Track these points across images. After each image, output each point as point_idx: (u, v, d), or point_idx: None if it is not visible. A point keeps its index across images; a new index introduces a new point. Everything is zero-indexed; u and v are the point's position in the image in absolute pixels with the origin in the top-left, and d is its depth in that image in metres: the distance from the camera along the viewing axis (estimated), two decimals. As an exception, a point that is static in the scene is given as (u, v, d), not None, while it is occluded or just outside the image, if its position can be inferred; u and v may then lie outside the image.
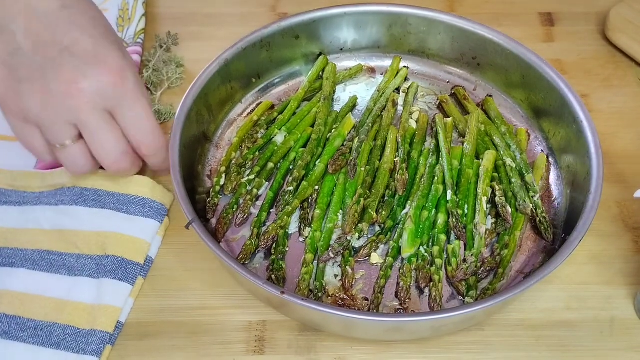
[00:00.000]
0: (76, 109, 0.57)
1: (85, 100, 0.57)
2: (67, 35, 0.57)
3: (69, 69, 0.57)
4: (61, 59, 0.57)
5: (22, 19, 0.57)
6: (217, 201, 0.70)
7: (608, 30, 0.86)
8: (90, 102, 0.57)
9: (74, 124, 0.58)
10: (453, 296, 0.64)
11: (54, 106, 0.57)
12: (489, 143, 0.73)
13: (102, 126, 0.59)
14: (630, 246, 0.69)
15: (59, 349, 0.61)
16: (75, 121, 0.58)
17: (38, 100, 0.57)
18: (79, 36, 0.57)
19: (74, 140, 0.59)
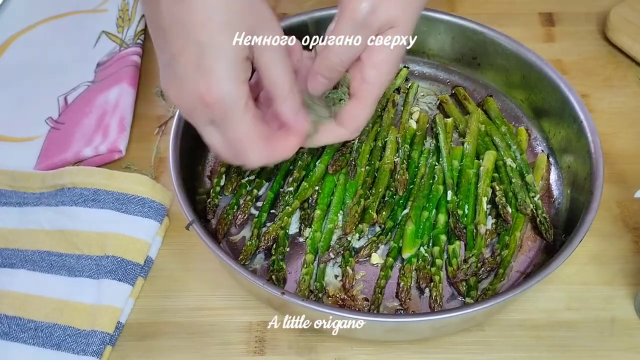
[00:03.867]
0: (186, 115, 0.55)
1: (185, 112, 0.54)
2: (176, 41, 0.51)
3: (175, 78, 0.52)
4: (172, 66, 0.52)
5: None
6: (218, 202, 0.70)
7: (608, 31, 0.86)
8: (191, 117, 0.54)
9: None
10: (453, 296, 0.64)
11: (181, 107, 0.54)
12: (489, 143, 0.73)
13: (211, 131, 0.55)
14: (631, 246, 0.69)
15: (59, 349, 0.61)
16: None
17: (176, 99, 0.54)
18: (185, 43, 0.50)
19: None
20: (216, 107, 0.51)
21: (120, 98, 0.78)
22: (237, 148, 0.54)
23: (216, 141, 0.55)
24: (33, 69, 0.84)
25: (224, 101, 0.50)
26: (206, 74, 0.50)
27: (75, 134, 0.75)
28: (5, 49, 0.86)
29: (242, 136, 0.53)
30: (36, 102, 0.80)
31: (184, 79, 0.51)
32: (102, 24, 0.88)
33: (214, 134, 0.54)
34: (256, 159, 0.55)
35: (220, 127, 0.53)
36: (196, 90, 0.50)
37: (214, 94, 0.50)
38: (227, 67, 0.50)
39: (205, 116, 0.53)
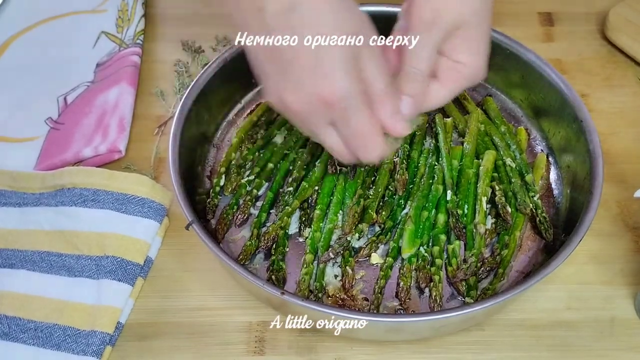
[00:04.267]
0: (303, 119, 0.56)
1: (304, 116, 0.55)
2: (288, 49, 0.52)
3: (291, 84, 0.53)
4: (285, 74, 0.53)
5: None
6: (217, 202, 0.70)
7: (608, 30, 0.86)
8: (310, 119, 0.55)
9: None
10: (453, 296, 0.64)
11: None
12: (488, 143, 0.73)
13: (329, 132, 0.56)
14: (631, 246, 0.69)
15: (59, 350, 0.61)
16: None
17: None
18: (300, 49, 0.51)
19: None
20: (337, 105, 0.52)
21: (120, 98, 0.78)
22: (357, 143, 0.56)
23: (335, 141, 0.56)
24: (32, 69, 0.84)
25: (345, 98, 0.52)
26: (325, 76, 0.51)
27: (75, 134, 0.75)
28: (4, 49, 0.86)
29: (363, 131, 0.54)
30: (36, 102, 0.80)
31: (301, 84, 0.52)
32: (101, 24, 0.88)
33: (333, 134, 0.56)
34: (376, 152, 0.56)
35: (341, 124, 0.55)
36: (316, 92, 0.52)
37: (335, 93, 0.52)
38: (343, 66, 0.51)
39: (326, 117, 0.54)
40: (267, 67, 0.54)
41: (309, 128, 0.56)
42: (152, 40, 0.88)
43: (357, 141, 0.55)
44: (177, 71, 0.84)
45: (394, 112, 0.56)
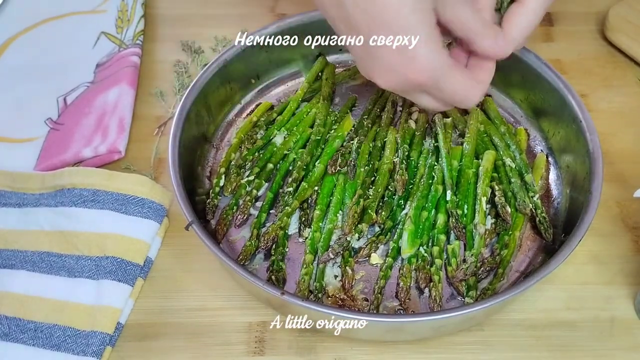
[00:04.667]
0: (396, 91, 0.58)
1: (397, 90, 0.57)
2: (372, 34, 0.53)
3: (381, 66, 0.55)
4: (373, 56, 0.55)
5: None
6: (217, 202, 0.70)
7: (607, 30, 0.86)
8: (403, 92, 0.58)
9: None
10: (453, 296, 0.64)
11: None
12: (488, 143, 0.73)
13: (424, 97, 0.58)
14: (630, 246, 0.69)
15: (59, 350, 0.61)
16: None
17: None
18: (383, 32, 0.53)
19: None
20: (428, 82, 0.54)
21: (120, 99, 0.78)
22: (455, 100, 0.57)
23: (431, 103, 0.58)
24: (32, 69, 0.84)
25: (434, 75, 0.54)
26: (412, 58, 0.52)
27: (75, 135, 0.75)
28: (4, 49, 0.86)
29: (458, 91, 0.56)
30: (35, 102, 0.80)
31: (390, 66, 0.54)
32: (101, 25, 0.88)
33: (428, 98, 0.58)
34: (476, 99, 0.58)
35: (434, 92, 0.56)
36: (405, 73, 0.53)
37: (424, 73, 0.53)
38: (430, 45, 0.52)
39: (418, 89, 0.56)
40: (353, 50, 0.56)
41: (403, 96, 0.59)
42: (152, 40, 0.88)
43: (454, 98, 0.57)
44: (176, 71, 0.84)
45: (495, 39, 0.56)
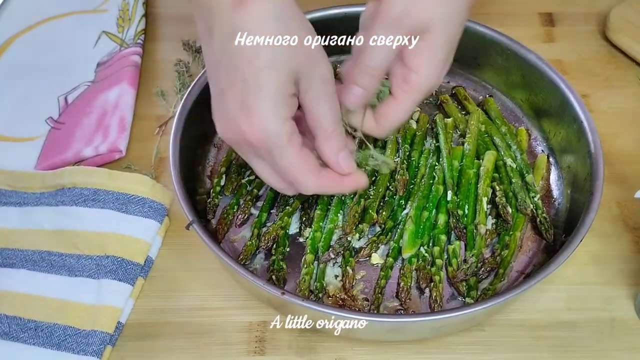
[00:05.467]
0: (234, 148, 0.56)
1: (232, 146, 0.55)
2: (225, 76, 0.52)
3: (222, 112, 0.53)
4: (220, 101, 0.53)
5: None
6: (218, 202, 0.70)
7: (608, 31, 0.86)
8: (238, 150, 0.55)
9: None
10: (453, 296, 0.64)
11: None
12: (489, 143, 0.73)
13: (259, 163, 0.56)
14: (631, 246, 0.69)
15: (59, 349, 0.61)
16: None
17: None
18: (232, 79, 0.51)
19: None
20: (259, 144, 0.51)
21: (121, 98, 0.78)
22: (288, 179, 0.55)
23: (266, 173, 0.56)
24: (33, 69, 0.84)
25: (267, 139, 0.51)
26: (249, 112, 0.50)
27: (76, 134, 0.75)
28: (5, 48, 0.86)
29: (290, 169, 0.53)
30: (36, 102, 0.80)
31: (229, 115, 0.52)
32: (102, 24, 0.88)
33: (262, 165, 0.55)
34: (310, 188, 0.55)
35: (267, 161, 0.54)
36: (239, 127, 0.51)
37: (255, 132, 0.51)
38: (270, 105, 0.50)
39: (251, 151, 0.54)
40: (211, 88, 0.54)
41: (240, 154, 0.56)
42: (153, 40, 0.88)
43: (289, 177, 0.54)
44: (177, 71, 0.84)
45: (339, 149, 0.55)
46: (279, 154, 0.52)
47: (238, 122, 0.51)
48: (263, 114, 0.50)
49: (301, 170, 0.54)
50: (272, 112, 0.50)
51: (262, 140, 0.51)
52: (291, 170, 0.53)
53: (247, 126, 0.51)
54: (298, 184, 0.55)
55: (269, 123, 0.50)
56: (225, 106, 0.52)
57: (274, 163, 0.53)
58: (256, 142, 0.51)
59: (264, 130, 0.51)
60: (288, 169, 0.53)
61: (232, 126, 0.52)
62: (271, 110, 0.50)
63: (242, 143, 0.53)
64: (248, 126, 0.51)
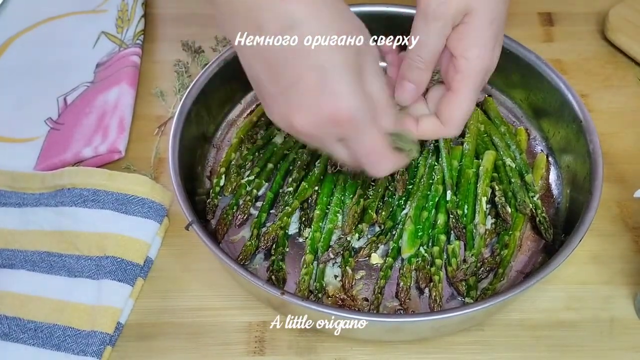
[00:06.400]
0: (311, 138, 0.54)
1: (312, 135, 0.53)
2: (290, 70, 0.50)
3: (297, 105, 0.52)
4: (289, 95, 0.51)
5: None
6: (217, 202, 0.70)
7: (608, 30, 0.86)
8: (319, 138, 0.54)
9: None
10: (453, 296, 0.64)
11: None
12: (488, 143, 0.73)
13: (339, 148, 0.55)
14: (631, 246, 0.69)
15: (59, 350, 0.61)
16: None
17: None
18: (304, 69, 0.50)
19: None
20: (347, 124, 0.51)
21: (120, 98, 0.78)
22: (368, 159, 0.54)
23: (346, 156, 0.55)
24: (32, 69, 0.84)
25: (356, 115, 0.50)
26: (333, 95, 0.49)
27: (75, 135, 0.75)
28: (4, 49, 0.86)
29: (373, 149, 0.53)
30: (36, 102, 0.80)
31: (307, 105, 0.50)
32: (101, 25, 0.88)
33: (343, 149, 0.55)
34: (387, 169, 0.56)
35: (351, 142, 0.53)
36: (325, 112, 0.50)
37: (345, 110, 0.50)
38: (351, 82, 0.50)
39: (335, 135, 0.53)
40: (271, 89, 0.52)
41: (318, 145, 0.55)
42: (152, 40, 0.88)
43: (367, 158, 0.54)
44: (177, 71, 0.84)
45: (395, 122, 0.55)
46: (364, 131, 0.52)
47: (323, 108, 0.50)
48: (348, 91, 0.50)
49: (382, 150, 0.54)
50: (354, 89, 0.50)
51: (352, 117, 0.50)
52: (373, 150, 0.53)
53: (334, 109, 0.50)
54: (376, 164, 0.55)
55: (355, 99, 0.50)
56: (301, 98, 0.50)
57: (357, 143, 0.53)
58: (346, 120, 0.50)
59: (353, 107, 0.50)
60: (370, 149, 0.53)
61: (315, 113, 0.51)
62: (354, 87, 0.50)
63: (328, 128, 0.52)
64: (334, 108, 0.50)
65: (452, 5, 0.54)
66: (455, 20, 0.54)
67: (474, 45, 0.55)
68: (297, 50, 0.49)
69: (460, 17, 0.54)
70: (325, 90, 0.49)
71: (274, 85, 0.52)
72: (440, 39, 0.55)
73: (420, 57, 0.55)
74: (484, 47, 0.56)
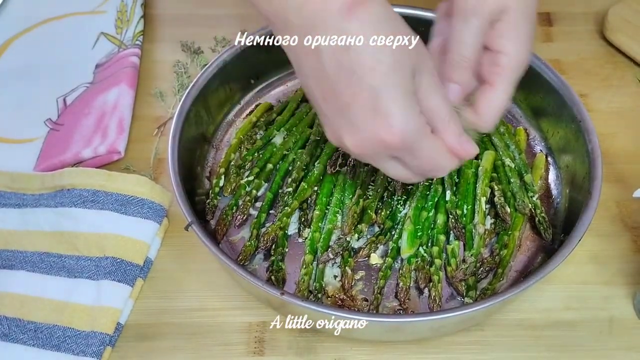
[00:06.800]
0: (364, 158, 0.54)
1: (366, 155, 0.54)
2: (346, 89, 0.50)
3: (351, 126, 0.51)
4: (344, 115, 0.51)
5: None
6: (217, 202, 0.70)
7: (607, 30, 0.86)
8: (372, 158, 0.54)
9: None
10: (452, 296, 0.64)
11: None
12: (487, 143, 0.73)
13: (393, 164, 0.55)
14: (630, 246, 0.69)
15: (59, 350, 0.61)
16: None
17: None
18: (357, 90, 0.49)
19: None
20: (400, 146, 0.51)
21: (119, 99, 0.78)
22: (428, 169, 0.55)
23: (399, 171, 0.55)
24: (32, 70, 0.84)
25: (408, 138, 0.50)
26: (386, 117, 0.49)
27: (74, 135, 0.75)
28: (4, 50, 0.86)
29: (432, 158, 0.53)
30: (35, 103, 0.80)
31: (361, 125, 0.50)
32: (100, 26, 0.88)
33: (397, 166, 0.55)
34: (448, 168, 0.56)
35: (407, 158, 0.53)
36: (378, 135, 0.50)
37: (396, 135, 0.50)
38: (403, 105, 0.49)
39: (389, 154, 0.53)
40: (324, 106, 0.52)
41: (371, 163, 0.55)
42: (151, 41, 0.88)
43: (427, 167, 0.54)
44: (176, 72, 0.84)
45: (459, 134, 0.55)
46: (419, 147, 0.52)
47: (375, 131, 0.50)
48: (400, 115, 0.49)
49: (442, 156, 0.54)
50: (407, 110, 0.50)
51: (403, 140, 0.50)
52: (433, 159, 0.53)
53: (386, 131, 0.50)
54: (437, 169, 0.55)
55: (407, 123, 0.50)
56: (354, 119, 0.50)
57: (414, 157, 0.53)
58: (398, 144, 0.50)
59: (405, 130, 0.50)
60: (429, 159, 0.53)
61: (368, 136, 0.50)
62: (406, 108, 0.50)
63: (381, 149, 0.51)
64: (387, 131, 0.50)
65: (490, 2, 0.54)
66: (492, 16, 0.55)
67: (513, 40, 0.56)
68: (355, 69, 0.49)
69: (497, 14, 0.55)
70: (380, 112, 0.49)
71: (329, 103, 0.52)
72: (480, 36, 0.55)
73: (462, 55, 0.56)
74: (522, 42, 0.56)
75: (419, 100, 0.52)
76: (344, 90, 0.49)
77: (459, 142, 0.55)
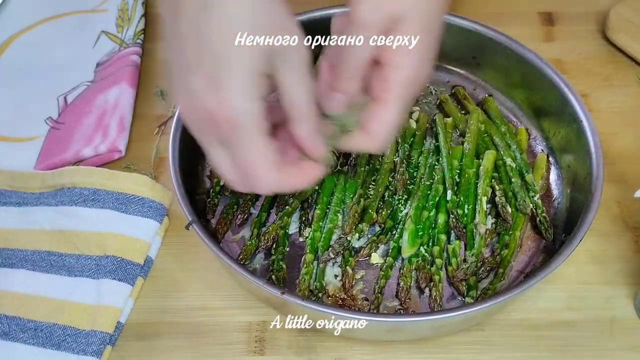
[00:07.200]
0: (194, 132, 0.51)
1: (193, 128, 0.51)
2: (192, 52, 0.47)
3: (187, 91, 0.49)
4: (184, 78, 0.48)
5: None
6: (217, 201, 0.70)
7: (608, 30, 0.86)
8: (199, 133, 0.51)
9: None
10: (453, 296, 0.64)
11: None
12: (489, 143, 0.73)
13: (218, 152, 0.51)
14: (631, 246, 0.69)
15: (59, 349, 0.61)
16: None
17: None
18: (201, 54, 0.47)
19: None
20: (226, 124, 0.47)
21: (120, 98, 0.78)
22: (247, 172, 0.50)
23: (224, 163, 0.51)
24: (33, 69, 0.84)
25: (235, 117, 0.47)
26: (218, 88, 0.46)
27: (75, 134, 0.75)
28: (4, 49, 0.86)
29: (253, 158, 0.49)
30: (36, 102, 0.80)
31: (194, 93, 0.47)
32: (101, 24, 0.88)
33: (222, 155, 0.51)
34: (267, 185, 0.51)
35: (230, 147, 0.49)
36: (205, 105, 0.47)
37: (223, 110, 0.47)
38: (242, 81, 0.46)
39: (214, 134, 0.49)
40: (174, 67, 0.49)
41: (202, 143, 0.51)
42: (152, 39, 0.88)
43: (249, 169, 0.50)
44: (177, 71, 0.84)
45: (314, 130, 0.52)
46: (244, 137, 0.48)
47: (205, 100, 0.47)
48: (233, 90, 0.46)
49: (263, 162, 0.49)
50: (243, 89, 0.47)
51: (229, 118, 0.47)
52: (253, 160, 0.49)
53: (215, 104, 0.46)
54: (255, 178, 0.50)
55: (238, 100, 0.46)
56: (191, 83, 0.47)
57: (236, 149, 0.49)
58: (222, 121, 0.47)
59: (233, 107, 0.46)
60: (250, 158, 0.49)
61: (197, 104, 0.47)
62: (242, 87, 0.47)
63: (206, 124, 0.48)
64: (215, 104, 0.46)
65: (384, 13, 0.50)
66: (385, 27, 0.51)
67: (404, 55, 0.52)
68: (205, 33, 0.46)
69: (391, 25, 0.51)
70: (214, 82, 0.46)
71: (175, 63, 0.49)
72: (370, 48, 0.51)
73: (348, 66, 0.52)
74: (415, 56, 0.52)
75: (280, 86, 0.49)
76: (190, 53, 0.47)
77: (311, 136, 0.52)
